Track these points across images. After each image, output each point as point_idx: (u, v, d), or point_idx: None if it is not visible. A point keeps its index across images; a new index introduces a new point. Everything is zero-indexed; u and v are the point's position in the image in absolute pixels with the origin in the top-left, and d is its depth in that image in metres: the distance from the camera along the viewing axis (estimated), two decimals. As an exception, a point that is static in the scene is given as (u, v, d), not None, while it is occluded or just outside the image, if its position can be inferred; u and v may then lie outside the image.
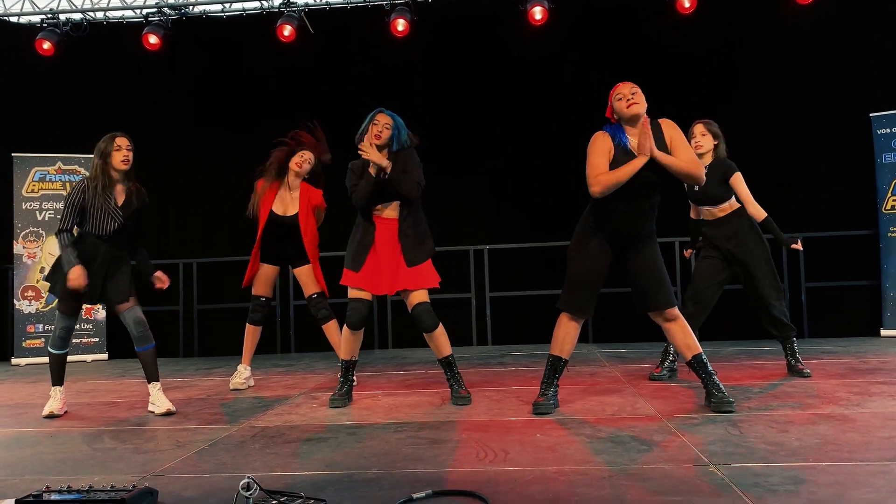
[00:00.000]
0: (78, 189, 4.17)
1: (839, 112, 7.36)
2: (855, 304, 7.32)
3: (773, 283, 4.75)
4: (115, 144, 4.25)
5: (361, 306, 4.16)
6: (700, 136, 4.78)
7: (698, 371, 3.76)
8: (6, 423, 4.13)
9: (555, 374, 3.89)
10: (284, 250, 5.06)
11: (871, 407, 3.64)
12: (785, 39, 7.45)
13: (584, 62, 7.59)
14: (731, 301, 7.41)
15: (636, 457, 2.83)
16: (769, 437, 3.08)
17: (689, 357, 3.76)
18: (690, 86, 7.52)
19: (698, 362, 3.76)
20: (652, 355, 6.19)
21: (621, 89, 3.72)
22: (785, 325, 4.76)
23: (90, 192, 4.16)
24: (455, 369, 4.29)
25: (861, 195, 7.25)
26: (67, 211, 4.14)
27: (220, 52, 8.06)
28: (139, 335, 4.26)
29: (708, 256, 4.81)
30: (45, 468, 3.00)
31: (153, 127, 8.14)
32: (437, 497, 2.39)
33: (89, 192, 4.16)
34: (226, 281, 8.00)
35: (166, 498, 2.50)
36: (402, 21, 7.40)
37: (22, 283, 7.47)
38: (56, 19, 7.88)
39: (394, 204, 4.17)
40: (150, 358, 4.32)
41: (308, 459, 2.99)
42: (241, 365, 5.15)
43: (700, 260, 4.86)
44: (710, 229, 4.80)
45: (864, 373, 4.79)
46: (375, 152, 4.03)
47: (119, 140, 4.30)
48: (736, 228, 4.72)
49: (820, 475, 2.50)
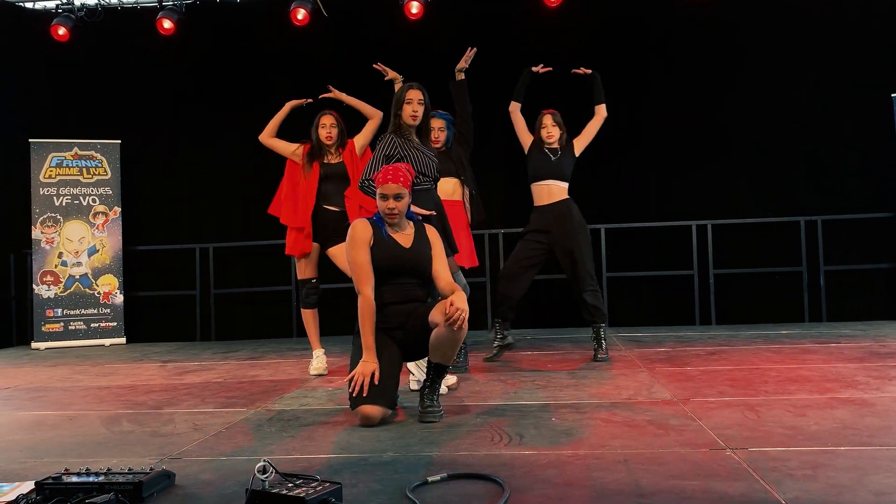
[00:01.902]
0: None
1: (860, 93, 7.25)
2: (875, 287, 7.25)
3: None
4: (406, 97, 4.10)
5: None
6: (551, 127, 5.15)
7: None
8: (26, 406, 4.18)
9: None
10: (330, 218, 4.87)
11: (890, 391, 3.60)
12: (807, 18, 7.33)
13: (599, 45, 7.52)
14: (749, 285, 7.41)
15: (652, 441, 2.82)
16: (787, 421, 3.06)
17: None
18: (702, 66, 7.44)
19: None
20: (669, 339, 6.16)
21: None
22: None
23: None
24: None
25: (880, 177, 7.15)
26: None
27: (235, 37, 8.04)
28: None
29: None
30: (64, 451, 3.04)
31: (167, 112, 8.17)
32: (453, 480, 2.39)
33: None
34: (242, 265, 8.05)
35: (183, 480, 2.51)
36: (415, 3, 7.35)
37: (41, 268, 7.53)
38: (71, 5, 7.89)
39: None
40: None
41: (324, 442, 3.01)
42: (315, 350, 5.05)
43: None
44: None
45: (884, 357, 4.74)
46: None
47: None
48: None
49: (838, 460, 2.47)
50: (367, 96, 5.11)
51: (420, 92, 4.10)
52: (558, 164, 5.10)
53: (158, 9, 7.80)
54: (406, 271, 3.49)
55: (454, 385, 4.11)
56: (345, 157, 4.94)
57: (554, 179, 5.10)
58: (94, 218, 7.69)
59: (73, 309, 7.58)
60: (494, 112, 7.41)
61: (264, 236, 7.67)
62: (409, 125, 4.06)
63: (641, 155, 7.45)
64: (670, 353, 5.34)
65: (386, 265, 3.44)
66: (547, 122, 5.15)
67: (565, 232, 5.03)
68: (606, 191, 7.48)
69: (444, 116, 4.87)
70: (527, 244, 5.16)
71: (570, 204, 5.10)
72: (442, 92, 4.93)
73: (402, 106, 4.07)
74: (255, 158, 7.63)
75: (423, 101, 4.10)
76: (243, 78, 7.99)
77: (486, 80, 7.49)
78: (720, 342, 5.83)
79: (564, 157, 5.13)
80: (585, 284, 5.01)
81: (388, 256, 3.45)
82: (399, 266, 3.47)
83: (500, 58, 7.60)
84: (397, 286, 3.48)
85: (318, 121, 4.96)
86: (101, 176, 7.74)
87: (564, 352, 5.61)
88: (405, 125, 4.06)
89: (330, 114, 4.99)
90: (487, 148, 7.51)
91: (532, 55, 7.76)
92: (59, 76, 8.19)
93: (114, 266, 7.72)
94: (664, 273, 7.47)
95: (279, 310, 7.86)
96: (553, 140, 5.13)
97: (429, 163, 4.04)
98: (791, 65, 7.35)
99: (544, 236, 5.09)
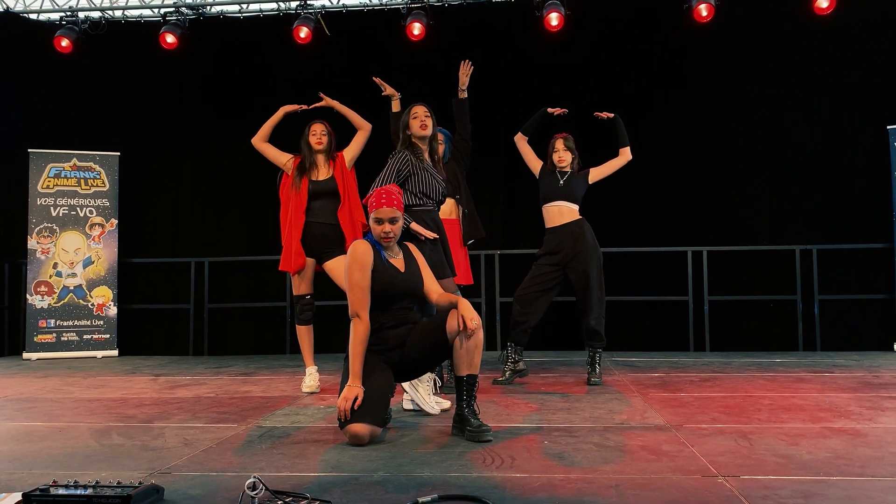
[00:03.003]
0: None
1: (855, 123, 7.32)
2: (868, 317, 7.26)
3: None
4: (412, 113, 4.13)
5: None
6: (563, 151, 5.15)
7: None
8: (16, 416, 4.15)
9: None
10: (322, 232, 4.86)
11: (883, 422, 3.60)
12: (802, 48, 7.40)
13: (600, 69, 7.59)
14: (743, 312, 7.42)
15: (644, 466, 2.81)
16: (779, 449, 3.05)
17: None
18: (704, 92, 7.51)
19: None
20: (662, 364, 6.16)
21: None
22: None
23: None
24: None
25: (876, 208, 7.20)
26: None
27: (237, 53, 8.10)
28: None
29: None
30: (53, 462, 3.01)
31: (167, 126, 8.20)
32: (443, 502, 2.38)
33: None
34: (237, 280, 8.03)
35: (172, 495, 2.50)
36: (418, 25, 7.42)
37: (35, 278, 7.51)
38: (75, 17, 7.95)
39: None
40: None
41: (314, 461, 2.99)
42: (308, 368, 5.00)
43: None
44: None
45: (877, 387, 4.74)
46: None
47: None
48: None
49: (830, 489, 2.47)
50: (366, 115, 5.13)
51: (424, 107, 4.14)
52: (567, 185, 5.08)
53: (162, 23, 7.86)
54: (402, 296, 3.51)
55: (448, 408, 4.09)
56: (335, 173, 4.90)
57: (564, 201, 5.09)
58: (91, 229, 7.69)
59: (66, 320, 7.55)
60: (495, 132, 7.47)
61: (260, 251, 7.68)
62: (420, 136, 4.09)
63: (639, 180, 7.47)
64: (664, 378, 5.33)
65: (384, 290, 3.46)
66: (559, 146, 5.14)
67: (578, 251, 4.99)
68: (603, 215, 7.48)
69: (443, 131, 4.89)
70: (539, 268, 5.12)
71: (583, 224, 5.08)
72: (442, 110, 4.96)
73: (409, 122, 4.11)
74: (253, 174, 7.67)
75: (430, 115, 4.14)
76: (244, 94, 8.03)
77: (487, 99, 7.56)
78: (714, 369, 5.83)
79: (575, 181, 5.11)
80: (593, 309, 4.98)
81: (386, 281, 3.46)
82: (397, 292, 3.49)
83: (502, 78, 7.68)
84: (394, 311, 3.50)
85: (309, 128, 4.97)
86: (99, 188, 7.75)
87: (558, 375, 5.60)
88: (416, 140, 4.09)
89: (321, 122, 5.01)
90: (485, 168, 7.56)
91: (533, 77, 7.87)
92: (61, 88, 8.23)
93: (108, 278, 7.71)
94: (659, 298, 7.48)
95: (273, 326, 7.84)
96: (564, 164, 5.12)
97: (436, 186, 4.07)
98: (790, 95, 7.42)
99: (556, 257, 5.05)
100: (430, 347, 3.43)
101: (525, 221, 7.67)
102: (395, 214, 3.47)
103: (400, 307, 3.52)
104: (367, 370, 3.40)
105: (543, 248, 5.15)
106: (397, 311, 3.51)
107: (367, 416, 3.27)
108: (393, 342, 3.49)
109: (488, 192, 7.61)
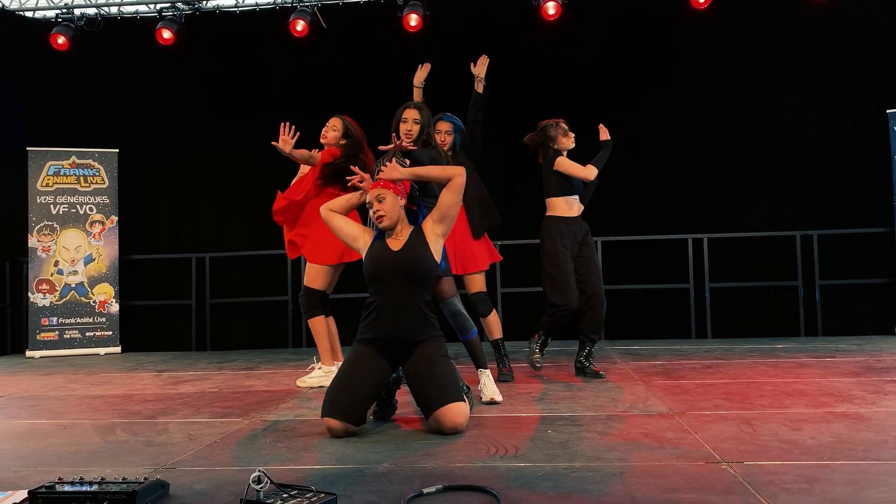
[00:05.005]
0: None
1: (854, 108, 7.30)
2: (870, 302, 7.26)
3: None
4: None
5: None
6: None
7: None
8: (20, 414, 4.16)
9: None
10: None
11: (886, 406, 3.61)
12: (800, 35, 7.38)
13: (600, 59, 7.56)
14: (745, 299, 7.42)
15: (648, 454, 2.82)
16: (782, 435, 3.06)
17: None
18: (703, 81, 7.49)
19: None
20: (665, 352, 6.16)
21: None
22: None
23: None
24: (503, 350, 4.81)
25: (876, 192, 7.19)
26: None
27: (234, 47, 8.07)
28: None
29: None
30: (58, 460, 3.02)
31: (166, 122, 8.19)
32: (448, 492, 2.38)
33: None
34: (238, 275, 8.04)
35: (177, 490, 2.50)
36: (414, 16, 7.39)
37: (36, 277, 7.52)
38: (71, 14, 7.92)
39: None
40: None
41: (319, 453, 3.00)
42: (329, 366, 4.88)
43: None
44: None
45: (880, 371, 4.74)
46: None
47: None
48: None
49: (834, 474, 2.47)
50: (366, 105, 5.07)
51: (416, 111, 4.12)
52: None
53: (158, 19, 7.84)
54: (390, 272, 3.41)
55: (500, 399, 4.01)
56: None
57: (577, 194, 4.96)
58: (91, 227, 7.69)
59: (69, 318, 7.56)
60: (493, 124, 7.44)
61: (261, 246, 7.68)
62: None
63: (640, 168, 7.47)
64: (666, 366, 5.34)
65: (368, 266, 3.47)
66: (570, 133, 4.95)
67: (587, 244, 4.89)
68: (604, 203, 7.48)
69: (452, 119, 4.75)
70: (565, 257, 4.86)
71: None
72: (441, 101, 4.93)
73: (399, 125, 4.11)
74: (253, 168, 7.68)
75: (419, 121, 4.11)
76: (242, 88, 8.02)
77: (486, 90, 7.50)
78: (716, 356, 5.84)
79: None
80: (598, 302, 4.85)
81: (372, 258, 3.48)
82: (381, 270, 3.42)
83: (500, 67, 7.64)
84: (384, 289, 3.41)
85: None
86: (99, 185, 7.74)
87: (560, 364, 5.60)
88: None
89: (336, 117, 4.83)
90: (488, 161, 7.53)
91: (532, 66, 7.83)
92: (59, 85, 8.21)
93: (110, 275, 7.71)
94: (660, 286, 7.48)
95: (275, 320, 7.85)
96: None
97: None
98: (789, 80, 7.39)
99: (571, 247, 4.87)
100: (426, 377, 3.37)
101: (528, 212, 7.66)
102: (381, 193, 3.47)
103: (389, 285, 3.40)
104: (357, 363, 3.38)
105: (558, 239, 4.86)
106: (386, 289, 3.40)
107: (338, 413, 3.25)
108: (385, 334, 3.39)
109: (491, 184, 7.59)
